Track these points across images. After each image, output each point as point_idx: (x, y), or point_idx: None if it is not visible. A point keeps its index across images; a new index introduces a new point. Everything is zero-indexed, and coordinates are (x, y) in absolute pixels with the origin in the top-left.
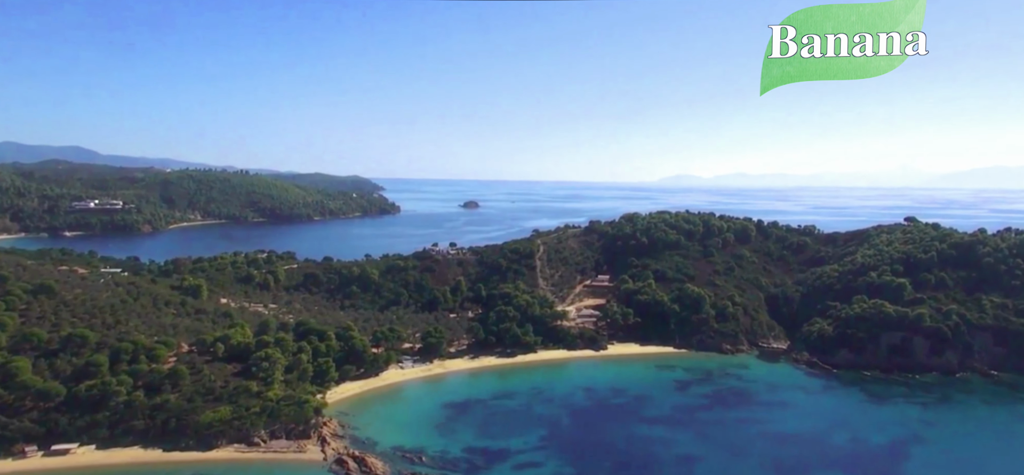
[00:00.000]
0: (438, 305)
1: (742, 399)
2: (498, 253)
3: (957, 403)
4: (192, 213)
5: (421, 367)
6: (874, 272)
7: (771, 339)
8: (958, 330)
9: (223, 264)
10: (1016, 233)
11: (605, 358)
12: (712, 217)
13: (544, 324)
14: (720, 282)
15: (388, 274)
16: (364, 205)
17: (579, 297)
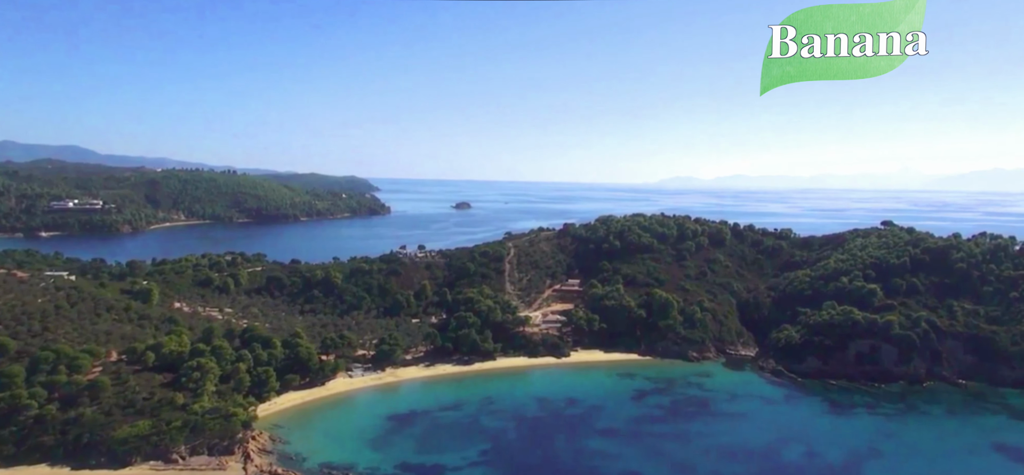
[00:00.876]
0: (401, 310)
1: (700, 410)
2: (467, 256)
3: (920, 414)
4: (176, 213)
5: (372, 376)
6: (846, 277)
7: (739, 346)
8: (927, 338)
9: (184, 267)
10: (991, 238)
11: (567, 365)
12: (687, 220)
13: (505, 330)
14: (691, 287)
15: (352, 277)
16: (353, 206)
17: (547, 302)
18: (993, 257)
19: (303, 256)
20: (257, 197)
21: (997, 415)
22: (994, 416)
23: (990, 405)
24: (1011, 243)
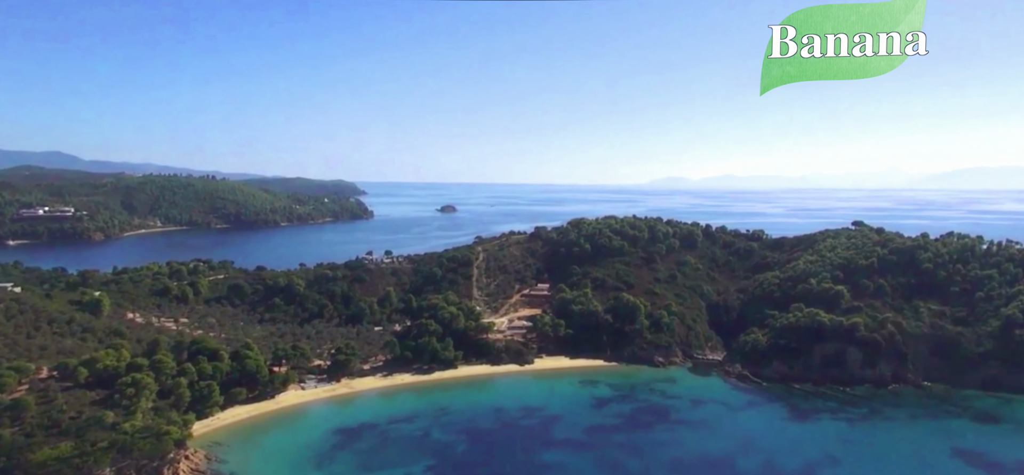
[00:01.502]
0: (363, 317)
1: (659, 418)
2: (434, 262)
3: (882, 419)
4: (152, 220)
5: (326, 387)
6: (814, 279)
7: (707, 350)
8: (893, 340)
9: (143, 276)
10: (958, 238)
11: (530, 373)
12: (659, 222)
13: (468, 338)
14: (660, 290)
15: (315, 285)
16: (336, 210)
17: (515, 307)
18: (960, 257)
19: (277, 262)
20: (236, 202)
21: (958, 419)
22: (955, 420)
23: (953, 408)
24: (978, 243)
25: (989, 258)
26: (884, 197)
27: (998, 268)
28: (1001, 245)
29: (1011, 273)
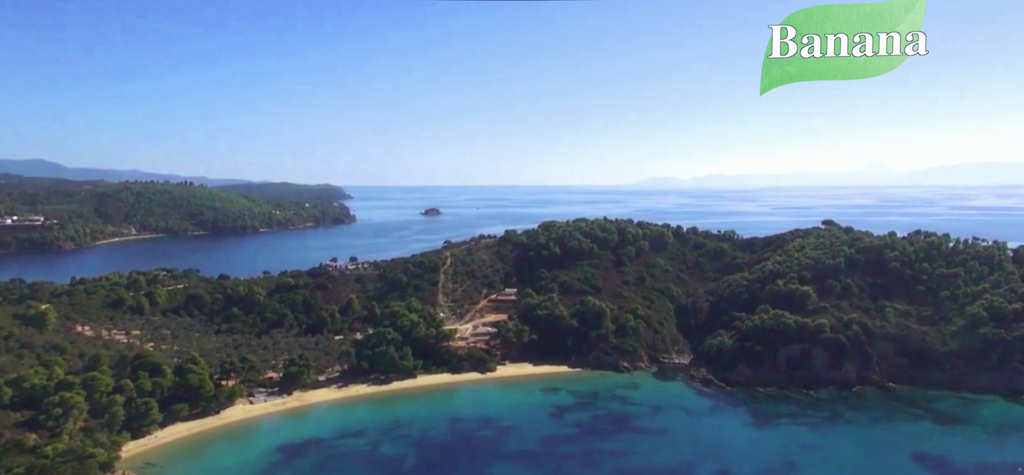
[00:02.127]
0: (324, 326)
1: (618, 426)
2: (400, 268)
3: (844, 423)
4: (126, 228)
5: (276, 401)
6: (781, 280)
7: (674, 354)
8: (858, 341)
9: (98, 286)
10: (925, 236)
11: (492, 381)
12: (629, 224)
13: (428, 346)
14: (627, 293)
15: (276, 293)
16: (317, 215)
17: (481, 313)
18: (927, 256)
19: (250, 269)
20: (214, 209)
21: (920, 421)
22: (917, 423)
23: (916, 410)
24: (945, 241)
25: (956, 256)
26: (869, 194)
27: (964, 266)
28: (968, 242)
29: (977, 271)
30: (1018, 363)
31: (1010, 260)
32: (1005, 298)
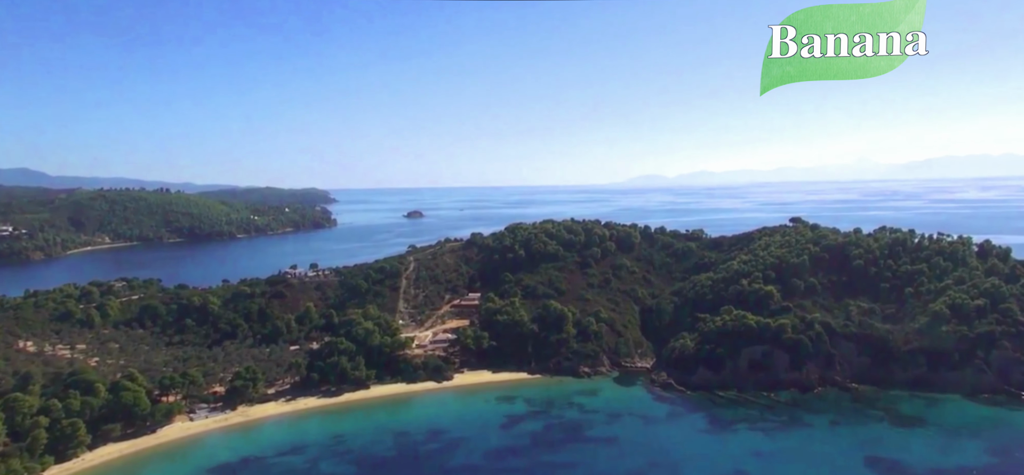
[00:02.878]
0: (279, 337)
1: (570, 435)
2: (361, 274)
3: (801, 426)
4: (100, 236)
5: (219, 417)
6: (746, 280)
7: (636, 358)
8: (820, 341)
9: (48, 300)
10: (891, 232)
11: (448, 390)
12: (596, 225)
13: (383, 355)
14: (591, 296)
15: (232, 303)
16: (296, 220)
17: (442, 319)
18: (891, 252)
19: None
20: (190, 215)
21: (879, 423)
22: (875, 424)
23: (875, 411)
24: (910, 237)
25: (921, 252)
26: (853, 189)
27: (928, 262)
28: (933, 238)
29: (941, 267)
30: (980, 361)
31: (975, 255)
32: (968, 295)
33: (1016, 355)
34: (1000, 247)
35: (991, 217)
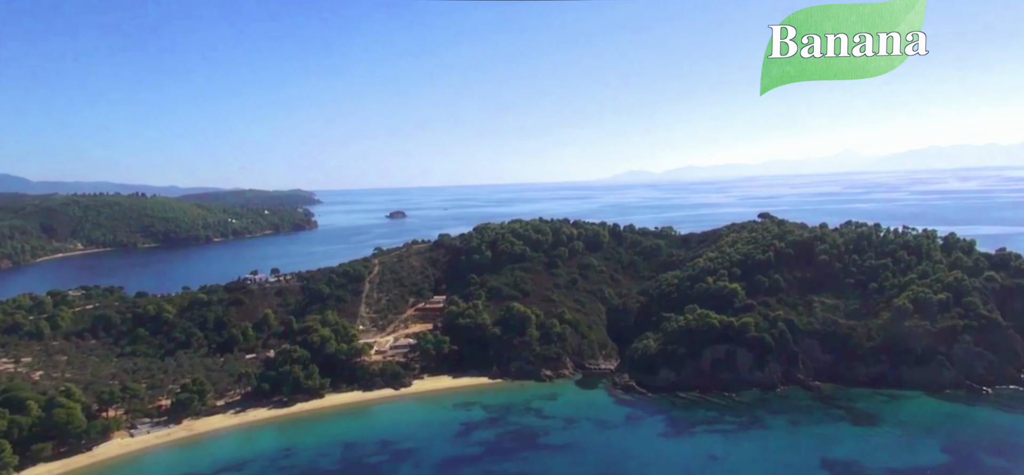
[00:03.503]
0: (235, 345)
1: (523, 444)
2: (324, 278)
3: (759, 428)
4: (72, 242)
5: (161, 432)
6: (711, 277)
7: (601, 359)
8: (783, 339)
9: None
10: (856, 226)
11: (406, 397)
12: (565, 224)
13: (339, 362)
14: (557, 297)
15: (188, 311)
16: (276, 222)
17: (405, 324)
18: (856, 247)
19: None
20: (165, 220)
21: (838, 423)
22: (834, 425)
23: (835, 410)
24: (875, 231)
25: (885, 246)
26: (837, 182)
27: (892, 256)
28: (898, 231)
29: (905, 261)
30: (942, 357)
31: (939, 249)
32: (931, 289)
33: (978, 349)
34: (964, 240)
35: (970, 208)
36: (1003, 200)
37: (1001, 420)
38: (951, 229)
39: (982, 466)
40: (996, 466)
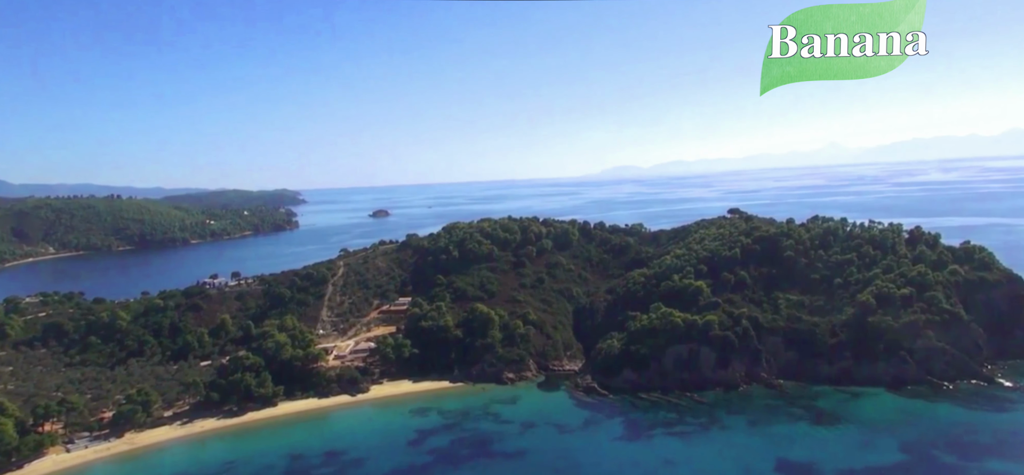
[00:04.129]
0: (190, 352)
1: (477, 451)
2: (285, 282)
3: (718, 429)
4: (44, 246)
5: (101, 446)
6: (677, 275)
7: (566, 360)
8: (747, 337)
9: None
10: (822, 221)
11: (363, 403)
12: (533, 222)
13: (295, 368)
14: (523, 297)
15: (143, 317)
16: (256, 223)
17: (368, 327)
18: (822, 242)
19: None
20: (141, 222)
21: (797, 422)
22: (792, 424)
23: (795, 409)
24: (841, 226)
25: (851, 241)
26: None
27: (858, 251)
28: (864, 225)
29: (870, 256)
30: (904, 352)
31: (904, 242)
32: (895, 284)
33: (940, 345)
34: (929, 233)
35: (948, 199)
36: (981, 191)
37: (959, 416)
38: (930, 221)
39: (936, 464)
40: (949, 464)
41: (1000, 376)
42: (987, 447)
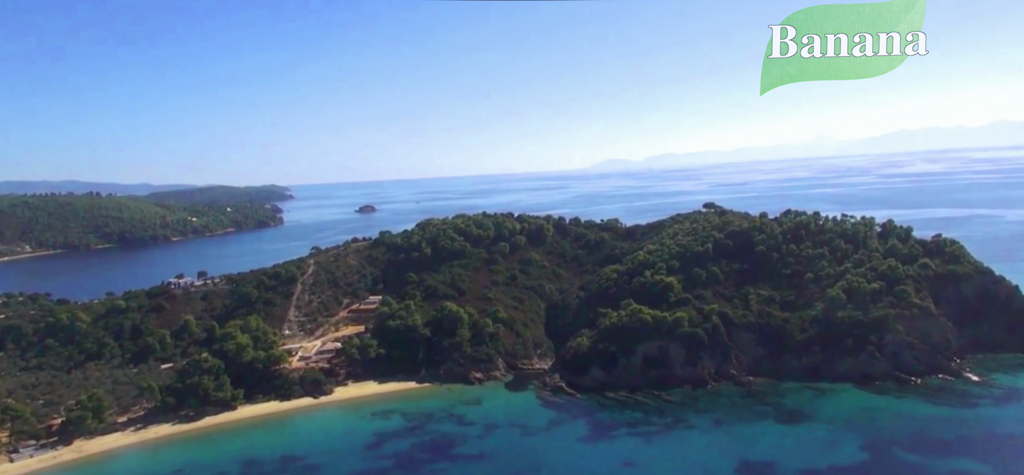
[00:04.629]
0: (151, 355)
1: (438, 454)
2: (253, 281)
3: (683, 428)
4: (19, 245)
5: (47, 455)
6: (649, 271)
7: (536, 359)
8: (717, 333)
9: None
10: (795, 215)
11: (326, 406)
12: (508, 218)
13: (257, 370)
14: (494, 294)
15: (103, 319)
16: (239, 219)
17: (336, 327)
18: (794, 236)
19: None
20: (120, 220)
21: (762, 421)
22: (758, 423)
23: (764, 407)
24: (813, 220)
25: (823, 235)
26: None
27: (830, 245)
28: (836, 219)
29: (842, 250)
30: (873, 347)
31: (876, 236)
32: (865, 278)
33: (908, 339)
34: (900, 227)
35: (932, 190)
36: (964, 182)
37: (924, 412)
38: (914, 212)
39: (897, 462)
40: (910, 462)
41: (968, 370)
42: (950, 444)
